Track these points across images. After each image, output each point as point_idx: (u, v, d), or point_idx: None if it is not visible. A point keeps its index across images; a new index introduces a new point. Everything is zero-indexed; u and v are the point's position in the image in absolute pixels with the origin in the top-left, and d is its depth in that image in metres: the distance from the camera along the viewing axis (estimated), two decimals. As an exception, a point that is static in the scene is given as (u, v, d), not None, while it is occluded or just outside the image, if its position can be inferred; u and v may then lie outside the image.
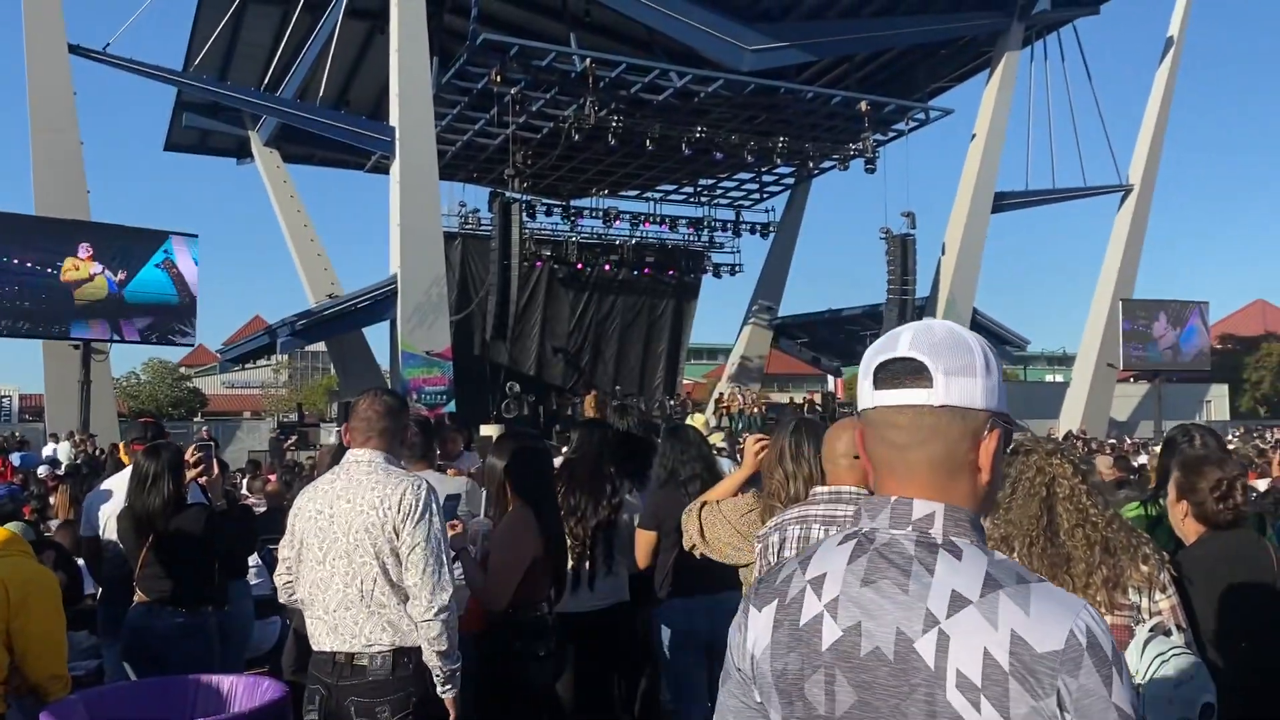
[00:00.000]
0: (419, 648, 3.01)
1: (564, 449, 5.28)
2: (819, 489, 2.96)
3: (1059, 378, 49.58)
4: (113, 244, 21.10)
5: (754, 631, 1.37)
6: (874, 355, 1.38)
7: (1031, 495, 2.69)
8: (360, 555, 2.97)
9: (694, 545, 3.72)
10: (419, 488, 3.06)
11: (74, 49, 20.18)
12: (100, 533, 4.86)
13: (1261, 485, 6.01)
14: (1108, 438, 25.94)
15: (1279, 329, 51.88)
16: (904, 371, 1.33)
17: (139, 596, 4.23)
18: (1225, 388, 43.33)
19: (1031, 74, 28.96)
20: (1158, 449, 11.86)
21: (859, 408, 1.41)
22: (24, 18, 19.84)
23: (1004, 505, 2.73)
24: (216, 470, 4.45)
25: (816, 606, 1.30)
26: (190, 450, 4.39)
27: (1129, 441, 22.08)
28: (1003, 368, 1.42)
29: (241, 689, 3.00)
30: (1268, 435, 22.80)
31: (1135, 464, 12.02)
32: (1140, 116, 31.48)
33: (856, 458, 2.84)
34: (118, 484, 4.94)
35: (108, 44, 20.52)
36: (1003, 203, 29.00)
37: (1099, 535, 2.60)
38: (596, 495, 4.41)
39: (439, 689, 3.05)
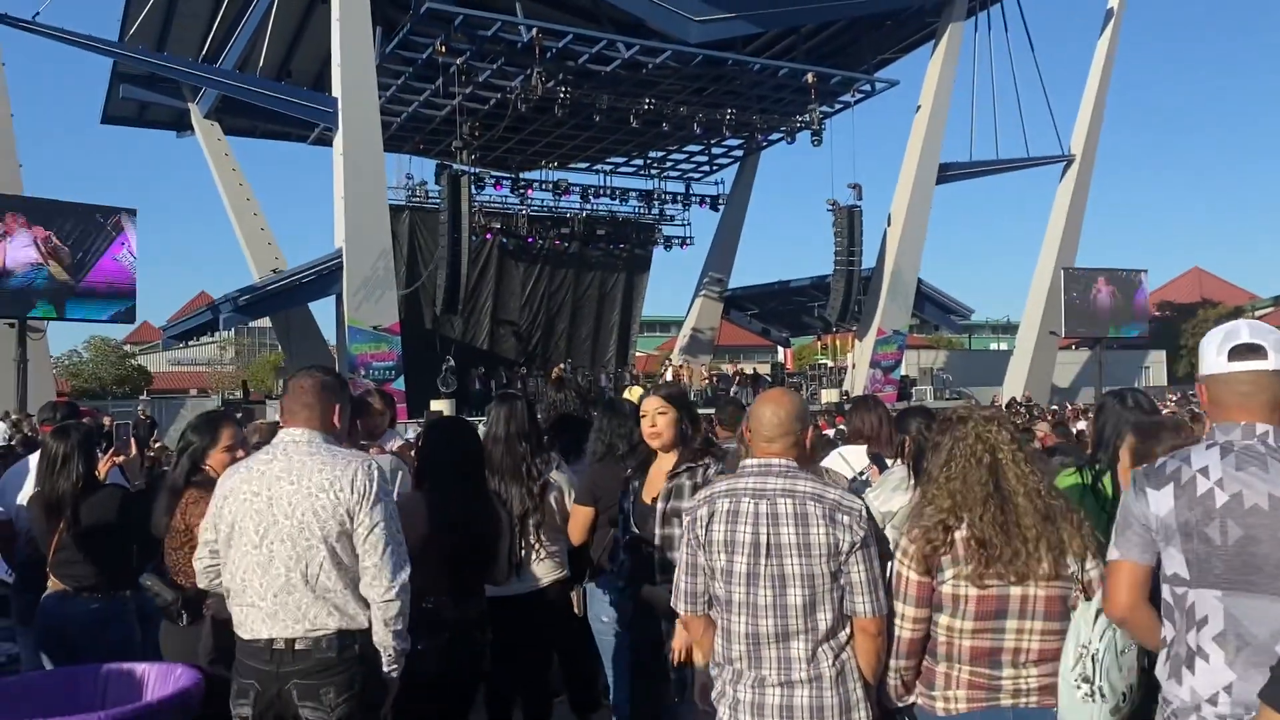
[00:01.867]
0: (363, 630, 2.97)
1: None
2: (748, 461, 2.93)
3: (1003, 346, 50.33)
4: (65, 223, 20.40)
5: (1155, 503, 2.30)
6: (1224, 342, 2.34)
7: (976, 463, 2.72)
8: (306, 538, 2.90)
9: None
10: (370, 468, 3.00)
11: (1, 18, 19.51)
12: (16, 515, 4.71)
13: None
14: (1050, 404, 26.43)
15: (1214, 296, 53.12)
16: (1248, 350, 2.29)
17: (52, 583, 4.11)
18: (1163, 354, 44.34)
19: (975, 45, 29.20)
20: (1094, 410, 12.08)
21: (1204, 372, 2.38)
22: (-55, -15, 19.16)
23: (943, 474, 2.76)
24: (134, 449, 4.32)
25: (1207, 484, 2.24)
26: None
27: (1070, 407, 22.50)
28: None
29: (154, 675, 2.93)
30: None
31: (1075, 430, 12.25)
32: (1081, 88, 31.92)
33: (798, 432, 2.87)
34: (31, 466, 4.78)
35: (37, 13, 19.92)
36: (947, 174, 29.24)
37: (1042, 503, 2.65)
38: (517, 481, 4.29)
39: (385, 668, 3.02)
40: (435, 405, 22.69)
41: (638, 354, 39.10)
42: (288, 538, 2.91)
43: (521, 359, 30.65)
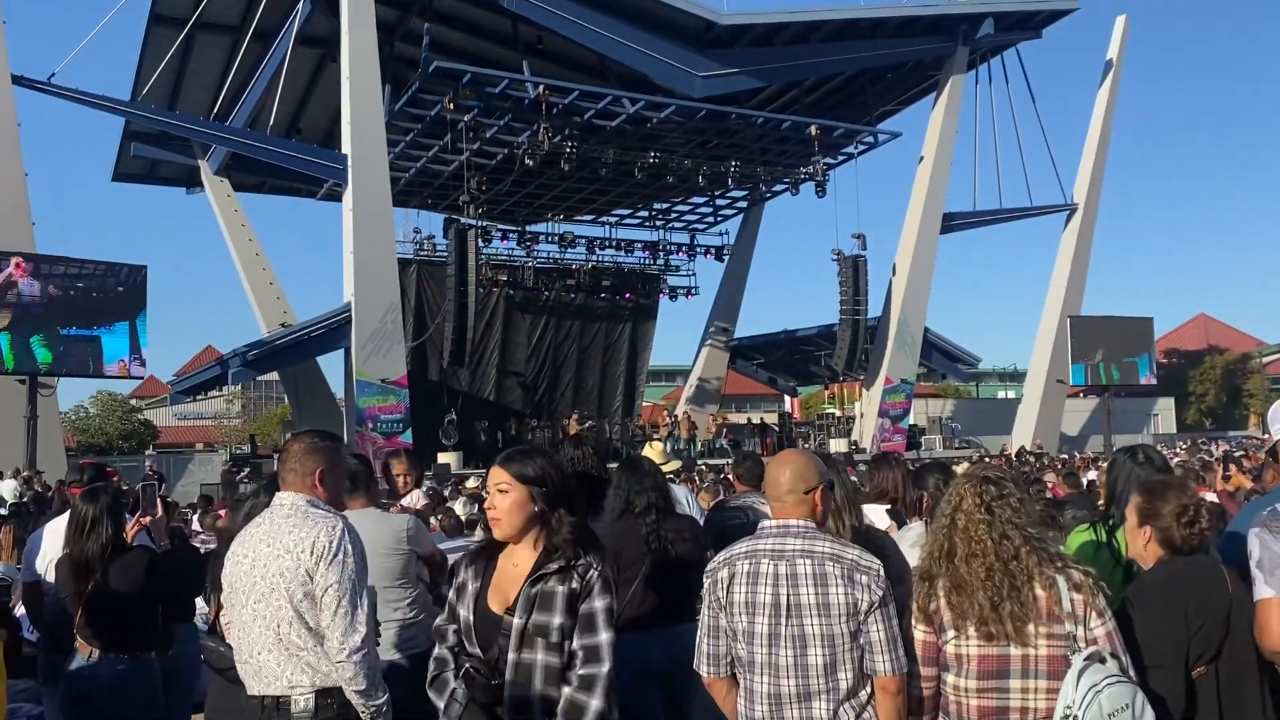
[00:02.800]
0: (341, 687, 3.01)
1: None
2: (767, 522, 2.97)
3: (1010, 394, 50.27)
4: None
5: None
6: None
7: (941, 518, 2.83)
8: (276, 599, 2.97)
9: None
10: (334, 529, 3.04)
11: (17, 79, 19.87)
12: (43, 577, 4.75)
13: (1208, 498, 6.10)
14: (1059, 453, 26.36)
15: (1221, 342, 53.04)
16: None
17: (80, 645, 4.14)
18: (1171, 401, 44.21)
19: (977, 96, 29.62)
20: (1106, 465, 12.05)
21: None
22: (-35, 49, 19.50)
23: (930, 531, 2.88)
24: (160, 510, 4.37)
25: None
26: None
27: (1079, 456, 22.44)
28: None
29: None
30: (1213, 448, 23.26)
31: (1085, 479, 12.23)
32: (1083, 137, 32.28)
33: (807, 492, 2.90)
34: (56, 528, 4.84)
35: (52, 74, 20.28)
36: (951, 223, 29.48)
37: (999, 564, 2.67)
38: None
39: None
40: (442, 458, 22.70)
41: (645, 404, 39.11)
42: (263, 598, 3.00)
43: (528, 410, 30.67)
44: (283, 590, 2.96)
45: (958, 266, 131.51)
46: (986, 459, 21.64)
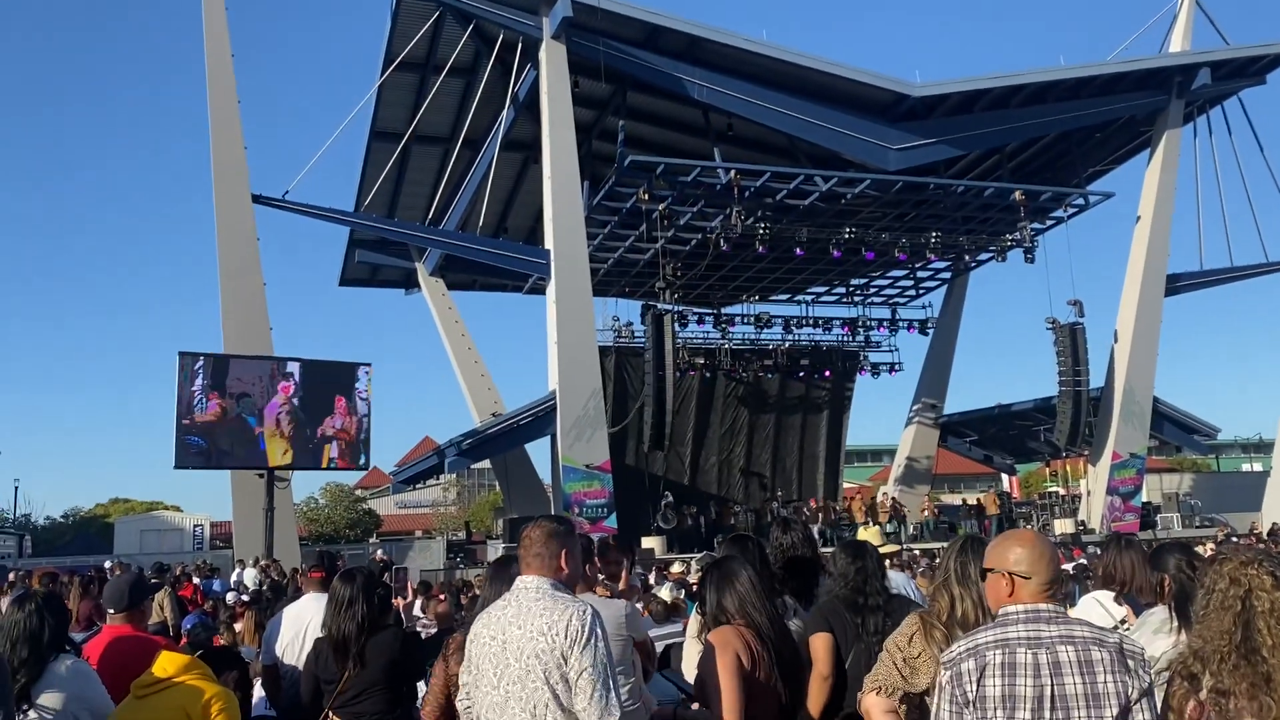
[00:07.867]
0: None
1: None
2: (1010, 608, 2.73)
3: (1258, 466, 45.93)
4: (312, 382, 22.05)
5: None
6: None
7: (1224, 608, 2.49)
8: (532, 680, 3.04)
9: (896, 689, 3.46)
10: (584, 613, 3.12)
11: (257, 198, 21.79)
12: (281, 660, 5.03)
13: None
14: (1323, 531, 23.67)
15: None
16: None
17: (333, 720, 4.30)
18: None
19: (1197, 149, 27.82)
20: None
21: None
22: (213, 172, 21.67)
23: (1199, 617, 2.57)
24: (412, 592, 4.55)
25: None
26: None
27: (1349, 535, 20.05)
28: None
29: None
30: None
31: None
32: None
33: (1026, 578, 2.69)
34: (294, 613, 5.15)
35: (286, 191, 22.15)
36: (1177, 285, 27.57)
37: None
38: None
39: None
40: (646, 543, 22.73)
41: (847, 484, 38.10)
42: (518, 680, 3.06)
43: (724, 492, 30.45)
44: (539, 673, 3.04)
45: (1188, 330, 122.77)
46: (1234, 539, 19.68)
